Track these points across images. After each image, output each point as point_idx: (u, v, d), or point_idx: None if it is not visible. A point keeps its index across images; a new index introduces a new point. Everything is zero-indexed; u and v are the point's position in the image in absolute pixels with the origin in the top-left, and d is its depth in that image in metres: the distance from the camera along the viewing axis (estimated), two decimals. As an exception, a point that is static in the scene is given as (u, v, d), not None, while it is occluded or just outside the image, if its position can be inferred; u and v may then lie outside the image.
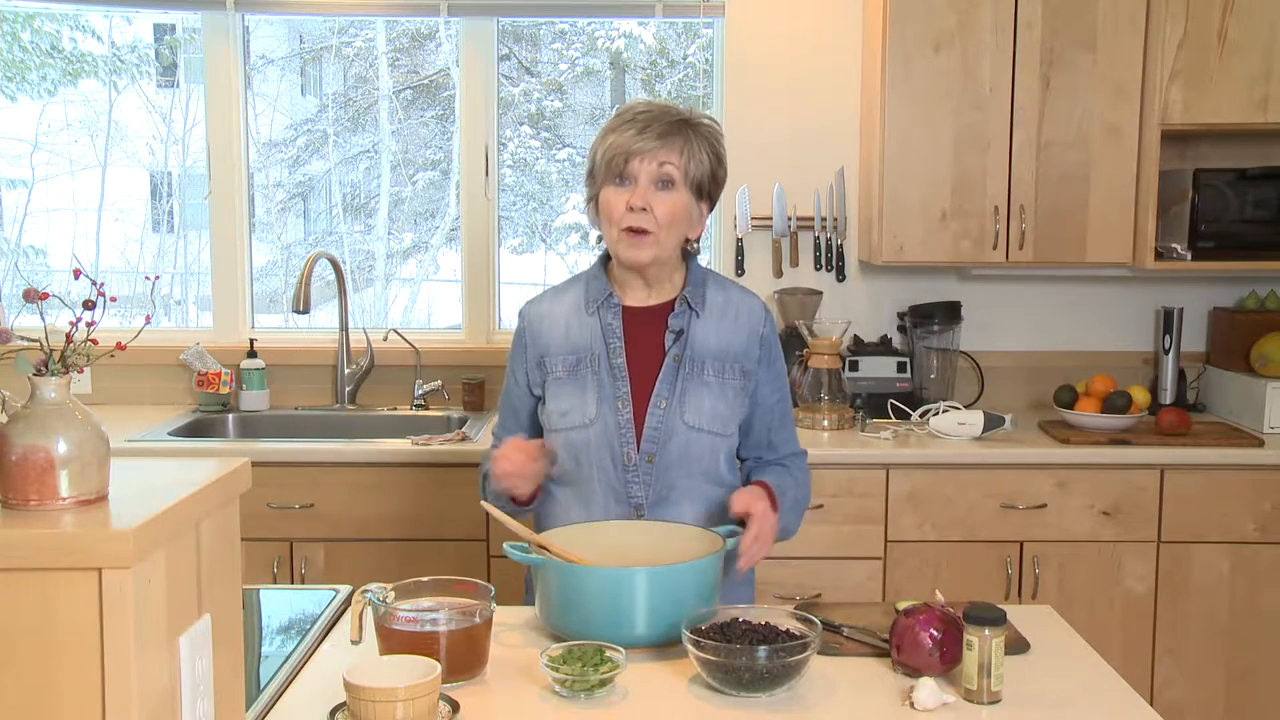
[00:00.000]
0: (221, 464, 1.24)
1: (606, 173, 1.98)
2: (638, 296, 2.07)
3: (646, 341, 2.04)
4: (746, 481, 2.11)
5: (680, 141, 1.96)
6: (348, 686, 1.47)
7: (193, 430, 3.39)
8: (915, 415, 3.31)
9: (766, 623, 1.71)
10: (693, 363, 2.03)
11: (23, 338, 1.12)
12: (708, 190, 2.03)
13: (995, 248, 3.27)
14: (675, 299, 2.06)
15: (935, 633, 1.67)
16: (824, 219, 3.60)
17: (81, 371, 1.14)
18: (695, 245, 2.09)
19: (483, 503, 1.96)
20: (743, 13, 3.55)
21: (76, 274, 1.20)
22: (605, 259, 2.10)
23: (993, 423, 3.19)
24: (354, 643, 1.76)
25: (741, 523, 1.93)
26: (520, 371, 2.11)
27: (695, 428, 2.01)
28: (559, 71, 4.53)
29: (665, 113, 1.99)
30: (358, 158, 4.53)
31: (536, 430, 2.11)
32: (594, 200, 2.03)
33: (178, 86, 4.61)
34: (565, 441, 2.02)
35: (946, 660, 1.67)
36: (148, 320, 1.44)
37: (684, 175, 1.97)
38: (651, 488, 2.01)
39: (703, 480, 2.04)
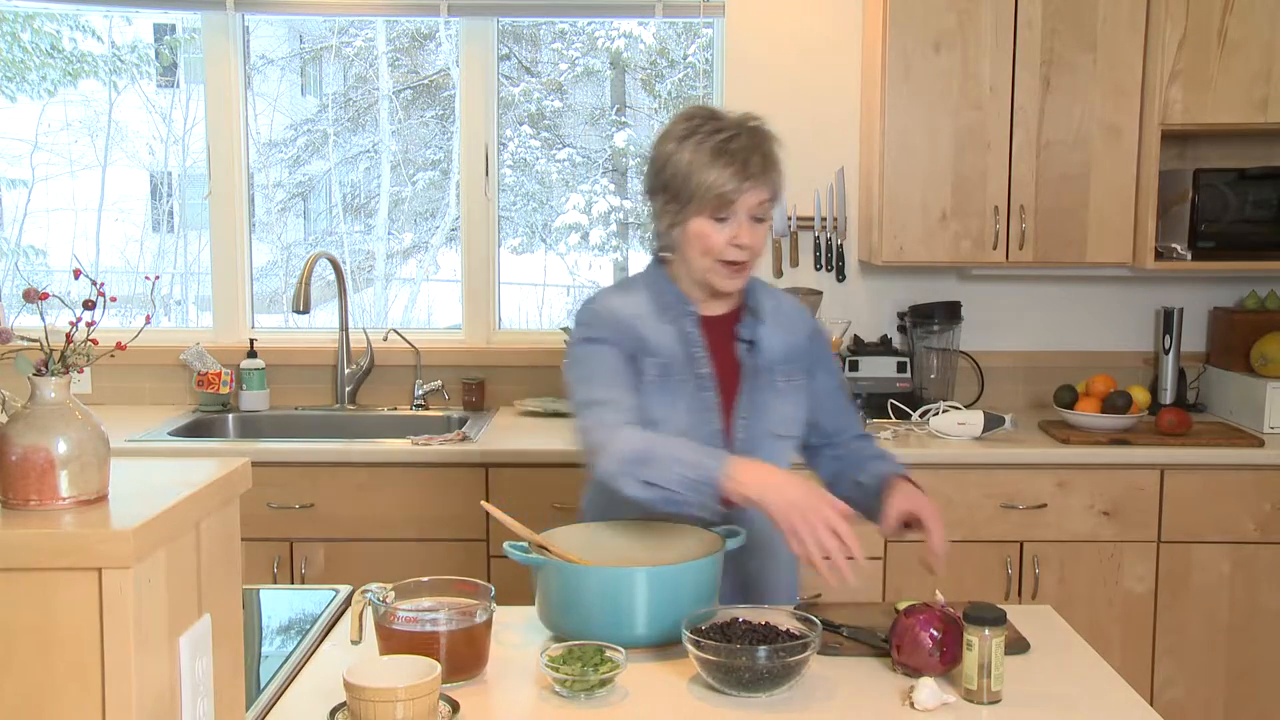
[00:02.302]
0: (221, 464, 1.24)
1: (705, 205, 1.93)
2: (708, 306, 2.06)
3: (721, 351, 2.05)
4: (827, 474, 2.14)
5: (774, 173, 1.98)
6: (348, 686, 1.47)
7: (193, 430, 3.39)
8: (915, 415, 3.31)
9: (766, 623, 1.71)
10: (765, 372, 2.05)
11: (23, 338, 1.12)
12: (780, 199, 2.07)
13: (995, 248, 3.27)
14: (739, 308, 2.07)
15: (935, 632, 1.67)
16: (824, 219, 3.60)
17: (81, 371, 1.14)
18: None
19: (483, 503, 1.96)
20: (743, 13, 3.55)
21: (76, 274, 1.20)
22: (659, 262, 2.08)
23: (993, 423, 3.19)
24: (354, 643, 1.76)
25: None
26: (616, 346, 1.98)
27: (778, 435, 2.04)
28: (559, 71, 4.54)
29: (755, 142, 1.95)
30: (358, 158, 4.53)
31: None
32: (680, 225, 1.97)
33: (178, 86, 4.62)
34: None
35: (946, 660, 1.67)
36: (148, 320, 1.44)
37: (773, 204, 2.00)
38: None
39: None
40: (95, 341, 1.14)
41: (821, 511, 1.71)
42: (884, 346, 3.55)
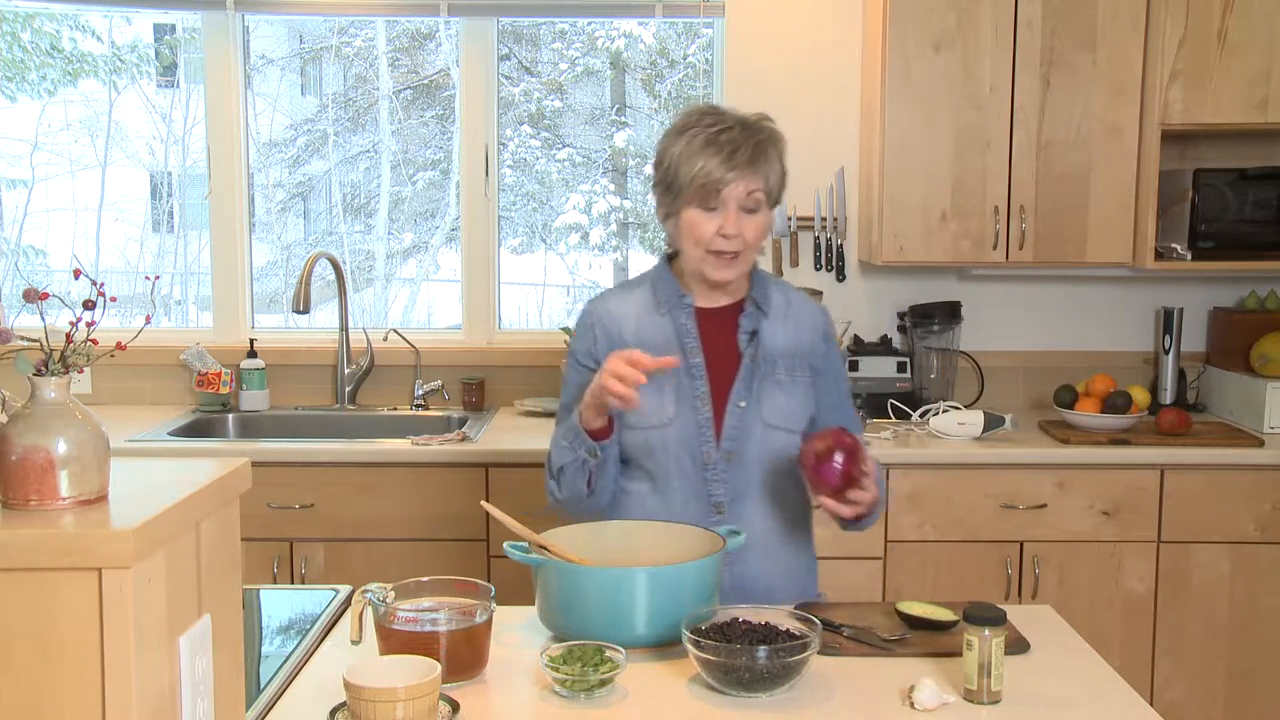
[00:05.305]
0: (221, 464, 1.24)
1: (694, 195, 1.99)
2: (707, 298, 2.09)
3: (718, 341, 2.07)
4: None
5: (765, 165, 2.00)
6: (348, 686, 1.47)
7: (193, 430, 3.39)
8: (915, 415, 3.31)
9: (766, 623, 1.71)
10: (766, 362, 2.06)
11: (23, 338, 1.12)
12: (779, 197, 2.07)
13: (995, 248, 3.27)
14: (743, 300, 2.10)
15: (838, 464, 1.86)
16: (824, 219, 3.60)
17: (81, 371, 1.14)
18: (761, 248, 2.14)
19: (483, 503, 1.96)
20: (743, 13, 3.55)
21: (76, 274, 1.20)
22: (668, 258, 2.13)
23: (993, 423, 3.19)
24: (354, 643, 1.76)
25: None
26: (591, 364, 2.07)
27: (773, 426, 2.04)
28: (559, 71, 4.54)
29: (747, 133, 2.00)
30: (358, 158, 4.53)
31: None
32: (674, 216, 2.03)
33: (178, 86, 4.62)
34: (643, 440, 2.03)
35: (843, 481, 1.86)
36: (148, 320, 1.44)
37: (768, 197, 2.02)
38: (730, 485, 2.03)
39: (779, 477, 2.06)
40: (95, 341, 1.14)
41: (605, 375, 1.88)
42: (884, 346, 3.55)
